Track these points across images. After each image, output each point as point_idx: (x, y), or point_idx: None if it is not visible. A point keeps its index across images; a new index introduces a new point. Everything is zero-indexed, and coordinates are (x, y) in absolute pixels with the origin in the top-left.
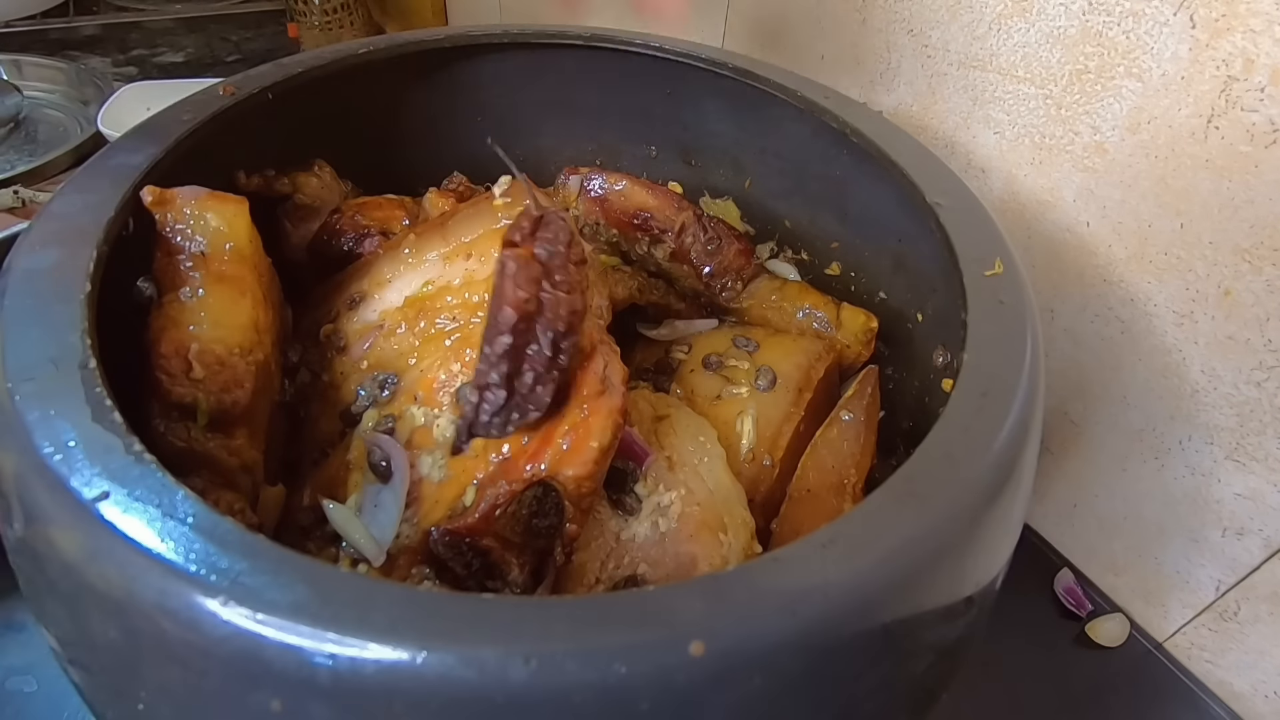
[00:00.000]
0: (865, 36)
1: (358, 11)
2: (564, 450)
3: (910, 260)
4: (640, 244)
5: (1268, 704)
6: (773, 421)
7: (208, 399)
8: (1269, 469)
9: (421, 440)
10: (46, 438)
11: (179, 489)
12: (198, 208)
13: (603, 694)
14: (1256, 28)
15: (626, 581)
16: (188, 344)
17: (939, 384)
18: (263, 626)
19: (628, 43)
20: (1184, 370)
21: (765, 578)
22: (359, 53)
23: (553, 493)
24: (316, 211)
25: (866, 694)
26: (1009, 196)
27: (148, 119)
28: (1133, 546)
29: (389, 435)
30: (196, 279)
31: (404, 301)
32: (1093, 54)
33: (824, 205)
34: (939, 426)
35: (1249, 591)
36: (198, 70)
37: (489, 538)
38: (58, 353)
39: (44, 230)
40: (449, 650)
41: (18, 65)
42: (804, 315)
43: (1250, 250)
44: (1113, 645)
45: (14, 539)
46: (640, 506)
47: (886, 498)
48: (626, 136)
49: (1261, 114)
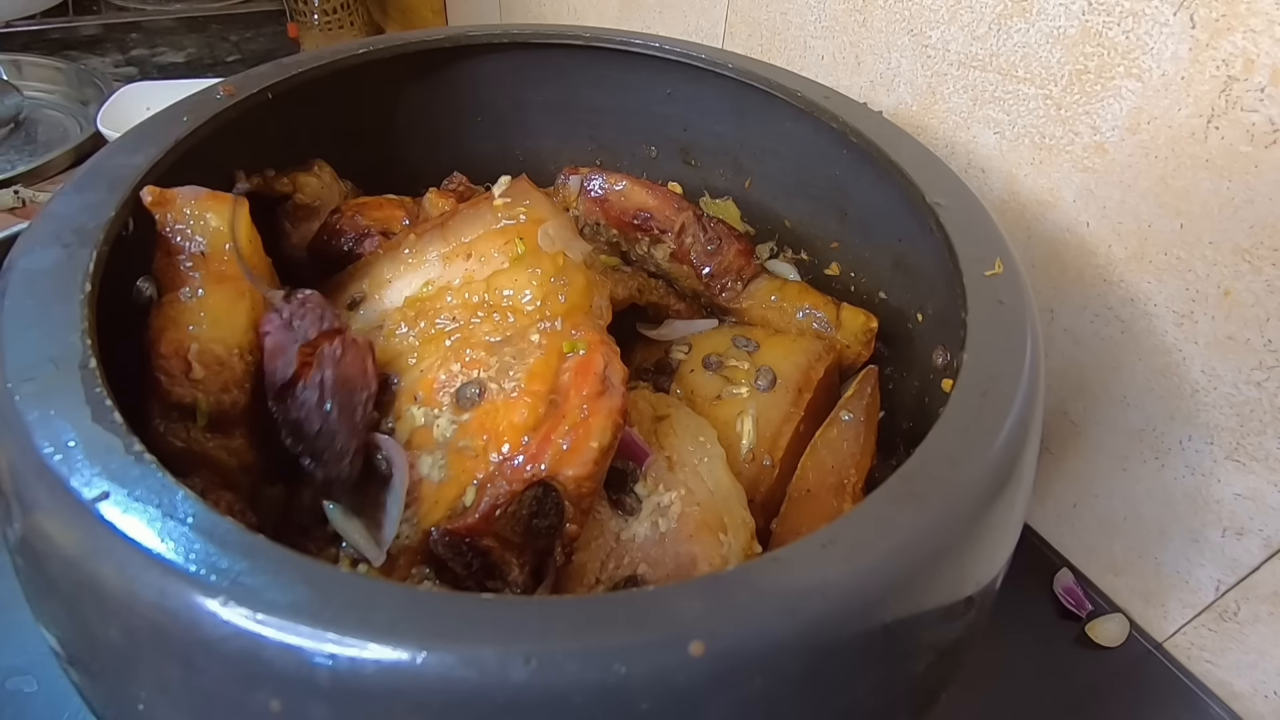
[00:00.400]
0: (865, 36)
1: (358, 11)
2: (564, 450)
3: (910, 260)
4: (640, 244)
5: (1268, 704)
6: (772, 422)
7: (207, 399)
8: (1269, 469)
9: (421, 440)
10: (46, 438)
11: (179, 489)
12: (198, 208)
13: (603, 694)
14: (1256, 28)
15: (626, 582)
16: (187, 344)
17: (939, 384)
18: (263, 626)
19: (627, 43)
20: (1184, 370)
21: (765, 578)
22: (359, 53)
23: (553, 493)
24: (316, 211)
25: (866, 694)
26: (1009, 196)
27: (148, 119)
28: (1133, 546)
29: (389, 435)
30: (196, 279)
31: (404, 302)
32: (1093, 54)
33: (824, 205)
34: (939, 426)
35: (1249, 591)
36: (198, 70)
37: (489, 538)
38: (58, 353)
39: (44, 230)
40: (449, 650)
41: (18, 65)
42: (804, 315)
43: (1250, 250)
44: (1113, 645)
45: (14, 539)
46: (640, 506)
47: (886, 498)
48: (626, 136)
49: (1261, 114)
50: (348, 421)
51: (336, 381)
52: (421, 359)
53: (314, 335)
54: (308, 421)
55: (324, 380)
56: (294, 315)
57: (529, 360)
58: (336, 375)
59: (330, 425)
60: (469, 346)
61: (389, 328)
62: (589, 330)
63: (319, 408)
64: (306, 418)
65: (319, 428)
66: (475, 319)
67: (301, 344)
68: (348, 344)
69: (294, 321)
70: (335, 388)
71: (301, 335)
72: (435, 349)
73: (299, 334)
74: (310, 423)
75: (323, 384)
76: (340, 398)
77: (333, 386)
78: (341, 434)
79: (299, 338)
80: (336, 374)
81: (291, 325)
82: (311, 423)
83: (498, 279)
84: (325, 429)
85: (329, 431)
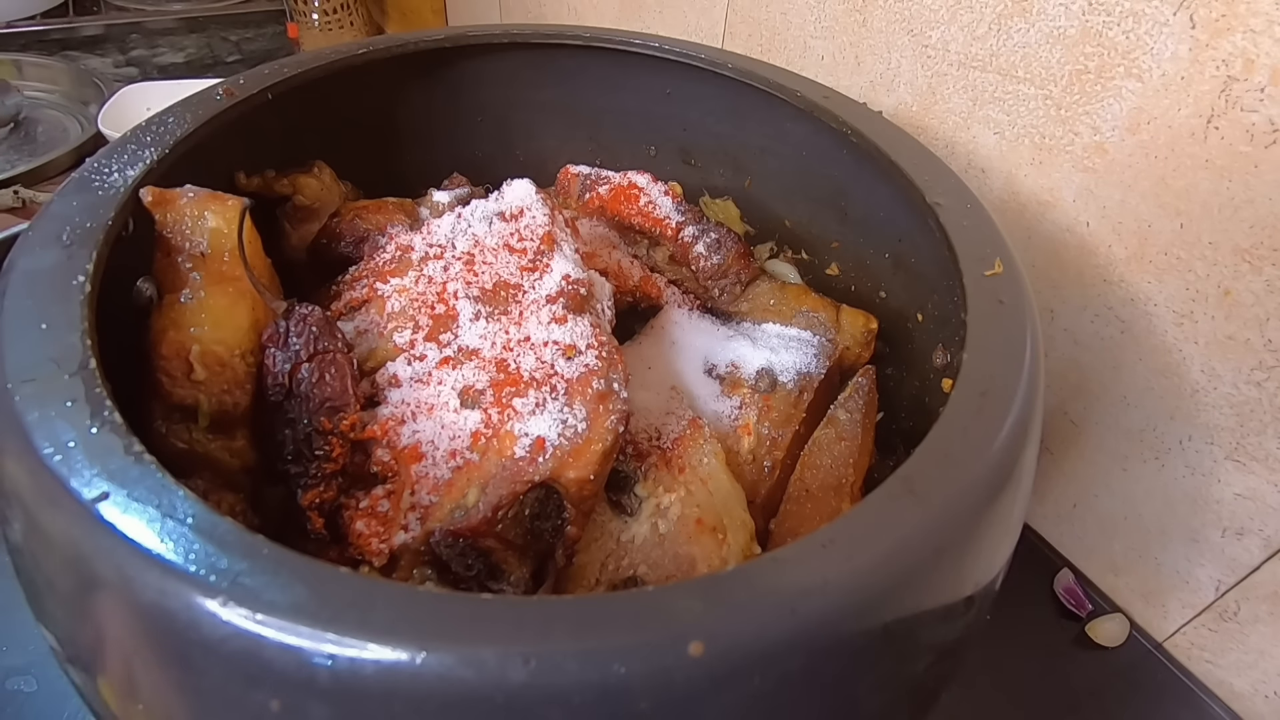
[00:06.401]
0: (865, 36)
1: (358, 11)
2: (566, 452)
3: (910, 260)
4: (640, 245)
5: (1268, 704)
6: (773, 424)
7: (209, 400)
8: (1269, 469)
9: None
10: (46, 438)
11: (179, 489)
12: (198, 208)
13: (602, 694)
14: (1256, 28)
15: (626, 583)
16: (188, 346)
17: (939, 384)
18: (262, 627)
19: (627, 43)
20: (1184, 370)
21: (765, 578)
22: (359, 53)
23: (555, 495)
24: (316, 213)
25: (866, 694)
26: (1009, 196)
27: (148, 119)
28: (1133, 546)
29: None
30: (196, 280)
31: (405, 302)
32: (1093, 54)
33: (824, 205)
34: (939, 426)
35: (1249, 591)
36: (198, 70)
37: (490, 539)
38: (58, 353)
39: (44, 230)
40: (449, 650)
41: (18, 65)
42: (803, 317)
43: (1250, 250)
44: (1113, 645)
45: (14, 539)
46: (640, 508)
47: (885, 497)
48: (626, 136)
49: (1261, 114)
50: (321, 445)
51: (312, 404)
52: (423, 361)
53: (305, 356)
54: (284, 443)
55: (298, 402)
56: (291, 332)
57: (531, 362)
58: (312, 397)
59: (301, 448)
60: (472, 349)
61: (390, 330)
62: (593, 332)
63: (293, 428)
64: (282, 441)
65: (291, 450)
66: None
67: (294, 364)
68: (326, 365)
69: (290, 339)
70: (308, 410)
71: (293, 355)
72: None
73: (292, 352)
74: (285, 444)
75: (297, 406)
76: (315, 421)
77: (304, 409)
78: (314, 457)
79: (291, 357)
80: (313, 395)
81: (288, 342)
82: (286, 444)
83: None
84: (297, 452)
85: (301, 455)
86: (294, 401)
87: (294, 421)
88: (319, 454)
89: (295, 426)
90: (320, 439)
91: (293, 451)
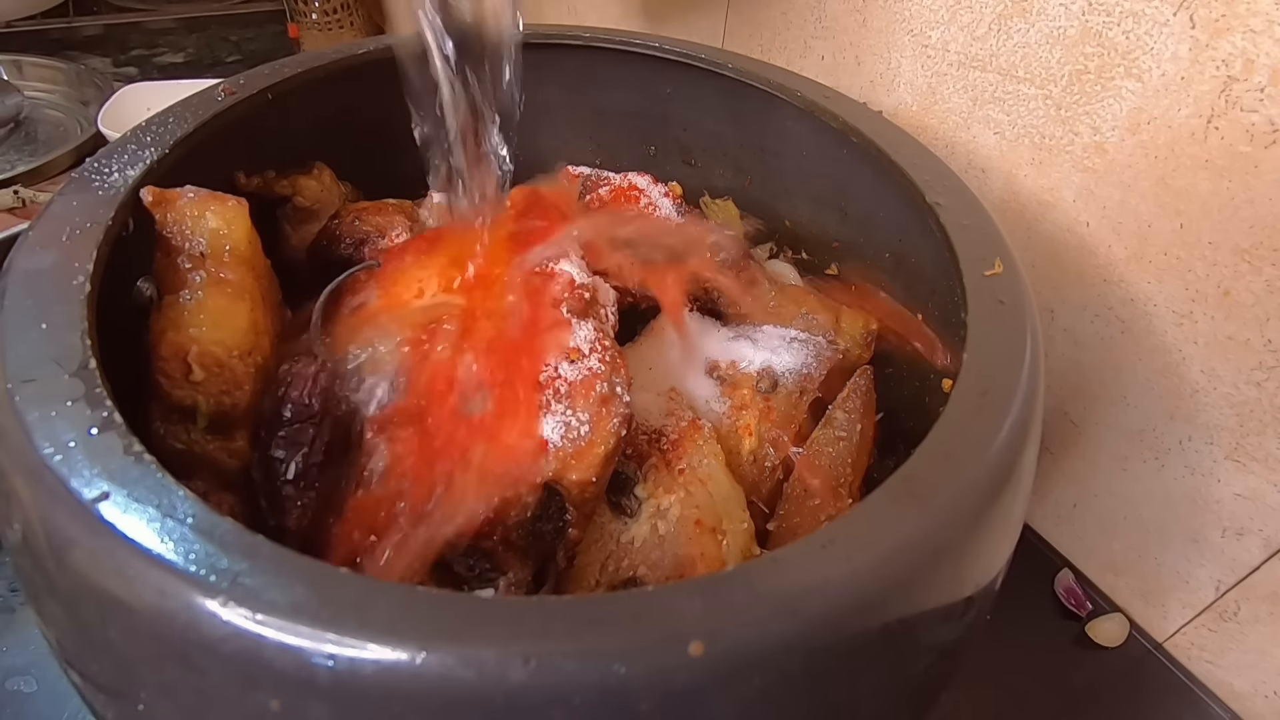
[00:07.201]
0: (865, 36)
1: (358, 11)
2: (569, 454)
3: (910, 260)
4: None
5: (1268, 704)
6: (773, 425)
7: (208, 401)
8: (1269, 469)
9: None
10: (46, 438)
11: (179, 489)
12: (197, 208)
13: (602, 694)
14: (1256, 28)
15: (626, 584)
16: (187, 346)
17: (939, 384)
18: (262, 627)
19: (627, 43)
20: (1184, 370)
21: (765, 578)
22: (359, 53)
23: (556, 496)
24: (316, 214)
25: (866, 694)
26: (1009, 196)
27: (148, 119)
28: (1133, 546)
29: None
30: (196, 280)
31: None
32: (1093, 54)
33: (824, 205)
34: (938, 426)
35: (1249, 591)
36: (198, 70)
37: (492, 540)
38: (58, 353)
39: (44, 230)
40: (448, 650)
41: (18, 65)
42: (803, 318)
43: (1250, 250)
44: (1113, 645)
45: (14, 539)
46: (640, 509)
47: (885, 497)
48: (626, 136)
49: (1261, 114)
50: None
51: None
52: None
53: (289, 416)
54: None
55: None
56: (288, 384)
57: (533, 364)
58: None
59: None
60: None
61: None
62: (596, 335)
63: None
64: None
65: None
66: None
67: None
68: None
69: (288, 390)
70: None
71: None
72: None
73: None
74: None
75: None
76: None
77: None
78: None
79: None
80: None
81: (286, 395)
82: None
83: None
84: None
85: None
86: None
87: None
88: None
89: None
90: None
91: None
